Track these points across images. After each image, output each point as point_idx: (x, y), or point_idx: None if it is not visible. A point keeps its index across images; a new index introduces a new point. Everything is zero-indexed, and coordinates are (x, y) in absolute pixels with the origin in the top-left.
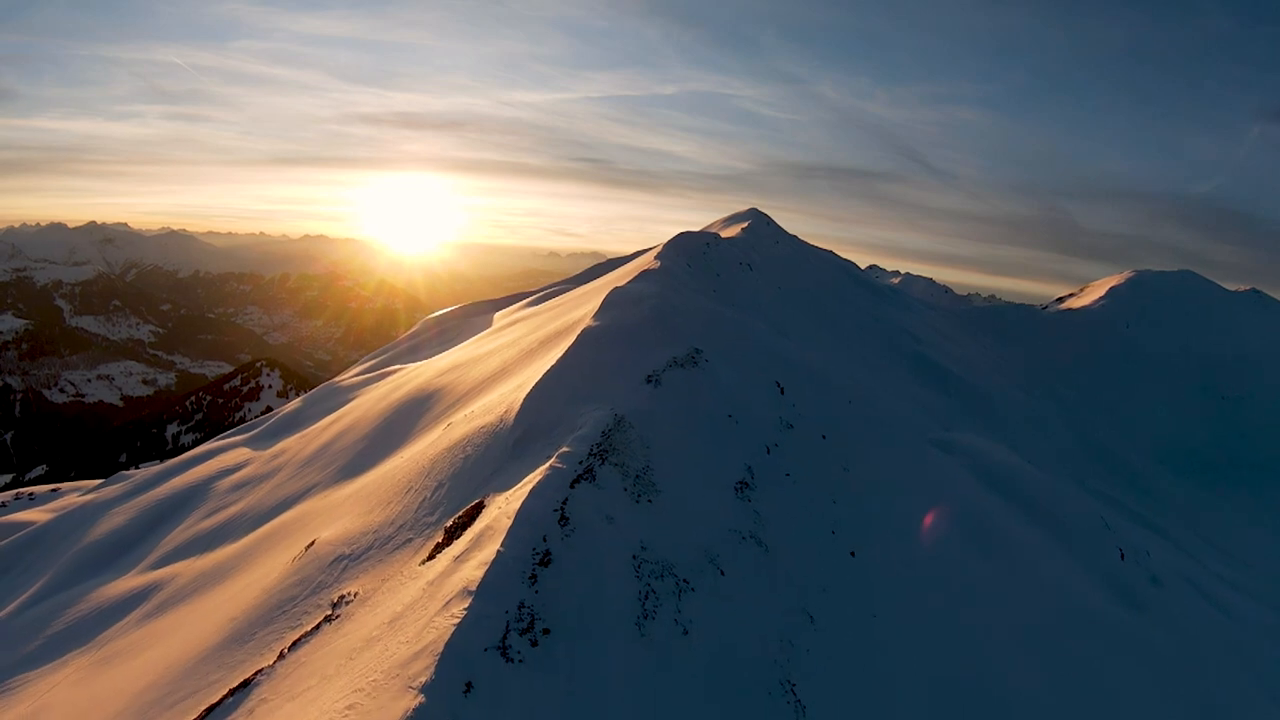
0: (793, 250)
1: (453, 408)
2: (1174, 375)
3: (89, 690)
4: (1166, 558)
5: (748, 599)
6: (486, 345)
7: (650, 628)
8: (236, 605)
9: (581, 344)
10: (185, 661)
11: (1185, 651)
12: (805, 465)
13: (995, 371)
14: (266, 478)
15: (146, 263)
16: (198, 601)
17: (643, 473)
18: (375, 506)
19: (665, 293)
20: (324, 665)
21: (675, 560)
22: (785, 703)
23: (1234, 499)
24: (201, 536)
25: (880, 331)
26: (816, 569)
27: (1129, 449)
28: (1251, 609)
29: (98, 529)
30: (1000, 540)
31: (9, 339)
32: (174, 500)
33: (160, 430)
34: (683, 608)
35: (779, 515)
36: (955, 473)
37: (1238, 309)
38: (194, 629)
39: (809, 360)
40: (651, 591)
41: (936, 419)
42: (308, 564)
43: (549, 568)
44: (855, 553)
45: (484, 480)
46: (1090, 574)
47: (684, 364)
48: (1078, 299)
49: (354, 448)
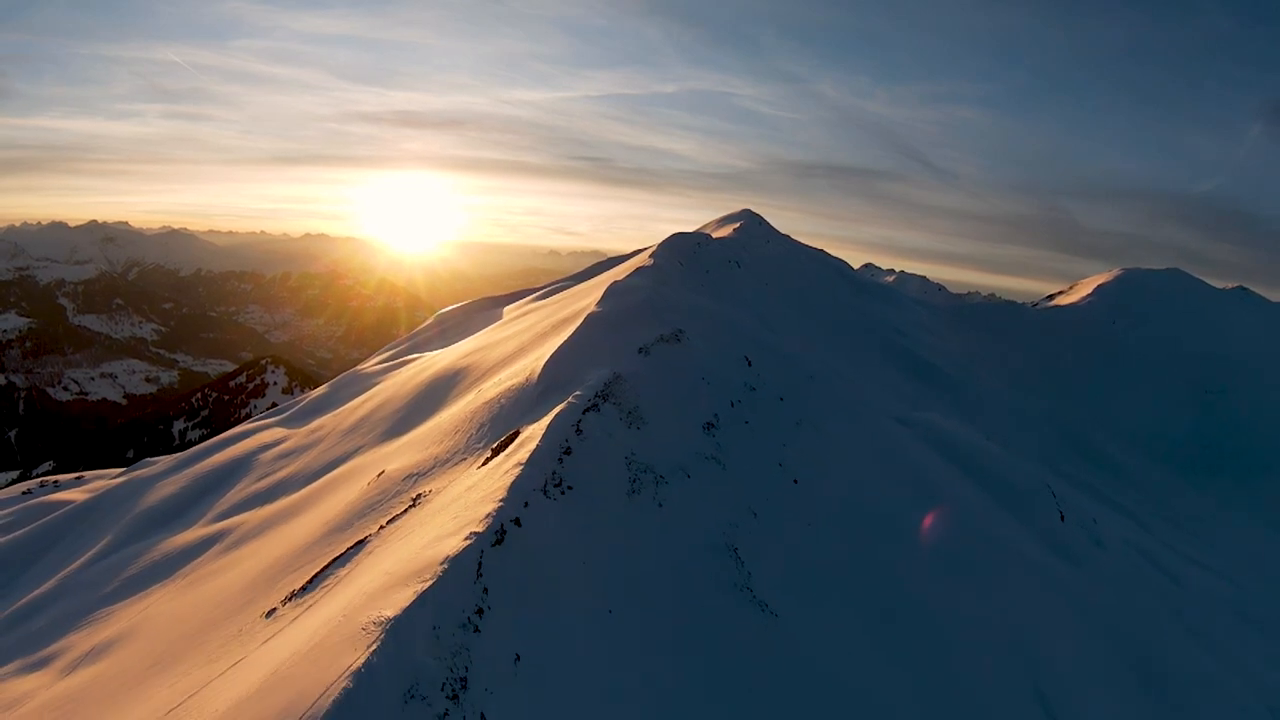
0: (783, 249)
1: (481, 379)
2: (1158, 370)
3: (188, 599)
4: (1123, 532)
5: (707, 495)
6: (503, 332)
7: (635, 498)
8: (325, 517)
9: (588, 325)
10: (291, 552)
11: (1115, 599)
12: (762, 417)
13: (978, 365)
14: (310, 446)
15: (148, 261)
16: (277, 531)
17: (634, 410)
18: (430, 444)
19: (656, 286)
20: (416, 525)
21: (654, 464)
22: (728, 558)
23: (1213, 488)
24: (258, 494)
25: (862, 324)
26: (764, 486)
27: (1109, 440)
28: (1204, 579)
29: (149, 498)
30: (935, 489)
31: (12, 337)
32: (220, 471)
33: (167, 426)
34: (658, 492)
35: (736, 448)
36: (906, 439)
37: (1225, 306)
38: (288, 540)
39: (780, 343)
40: (638, 478)
41: (907, 402)
42: (383, 484)
43: (570, 456)
44: (798, 481)
45: (517, 419)
46: (1027, 529)
47: (668, 340)
48: (1066, 296)
49: (394, 415)
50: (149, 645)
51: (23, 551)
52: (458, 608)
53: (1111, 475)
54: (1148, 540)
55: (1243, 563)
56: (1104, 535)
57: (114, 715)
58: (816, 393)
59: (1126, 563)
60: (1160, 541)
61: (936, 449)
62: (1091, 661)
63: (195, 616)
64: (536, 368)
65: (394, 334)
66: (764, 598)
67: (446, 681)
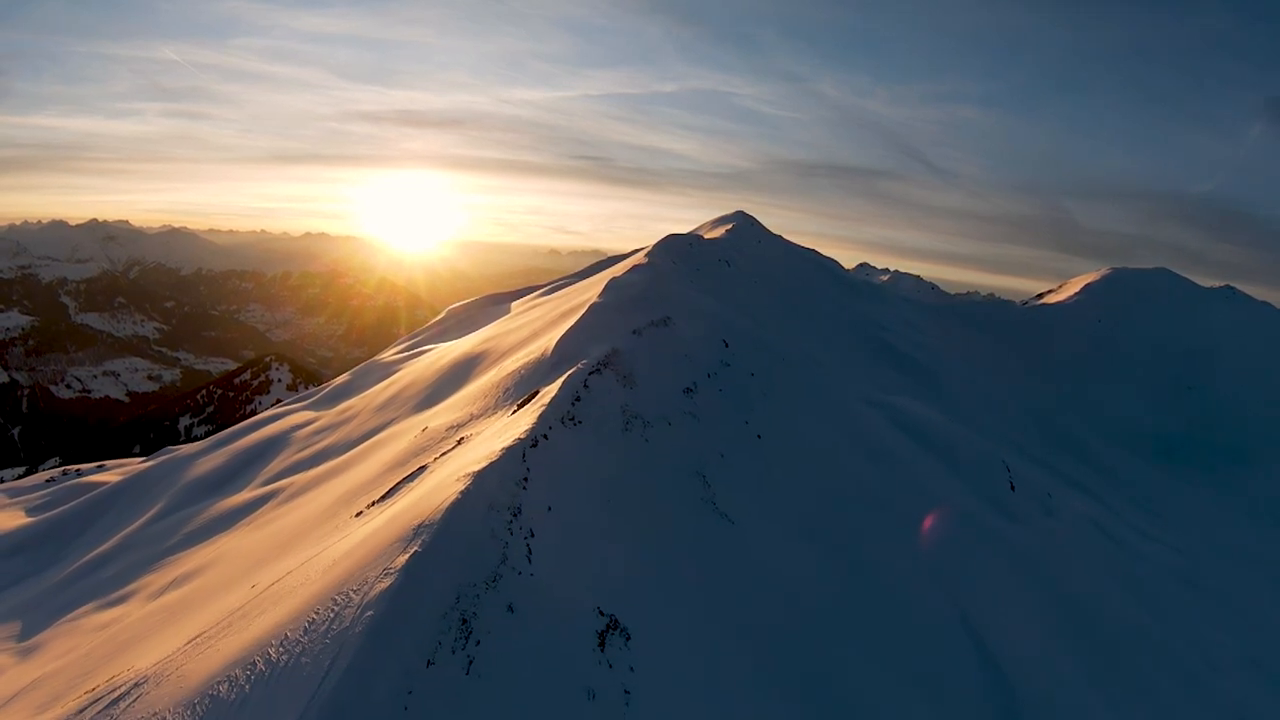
0: (773, 249)
1: (502, 358)
2: (1141, 365)
3: (262, 535)
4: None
5: (684, 439)
6: (515, 323)
7: (628, 434)
8: (381, 461)
9: (592, 312)
10: (359, 485)
11: (1056, 556)
12: (734, 387)
13: (960, 359)
14: (344, 423)
15: (149, 260)
16: (336, 479)
17: (628, 375)
18: (465, 406)
19: (650, 281)
20: (461, 455)
21: (643, 413)
22: (698, 481)
23: (1187, 477)
24: (302, 461)
25: (845, 319)
26: (731, 437)
27: (1088, 431)
28: (1158, 551)
29: (194, 470)
30: (887, 454)
31: (15, 335)
32: (259, 447)
33: (173, 423)
34: (645, 432)
35: (710, 407)
36: (867, 412)
37: (1210, 304)
38: (351, 480)
39: (759, 332)
40: (630, 421)
41: (879, 388)
42: (429, 436)
43: (579, 403)
44: (761, 436)
45: (536, 383)
46: (975, 494)
47: (658, 325)
48: (1055, 295)
49: (424, 391)
50: (235, 567)
51: (73, 522)
52: (512, 474)
53: (1085, 463)
54: (1107, 517)
55: (1205, 543)
56: (1058, 508)
57: (226, 597)
58: (786, 372)
59: (1076, 530)
60: (1120, 519)
61: (896, 424)
62: (1023, 603)
63: (277, 541)
64: (550, 345)
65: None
66: (724, 510)
67: (509, 507)
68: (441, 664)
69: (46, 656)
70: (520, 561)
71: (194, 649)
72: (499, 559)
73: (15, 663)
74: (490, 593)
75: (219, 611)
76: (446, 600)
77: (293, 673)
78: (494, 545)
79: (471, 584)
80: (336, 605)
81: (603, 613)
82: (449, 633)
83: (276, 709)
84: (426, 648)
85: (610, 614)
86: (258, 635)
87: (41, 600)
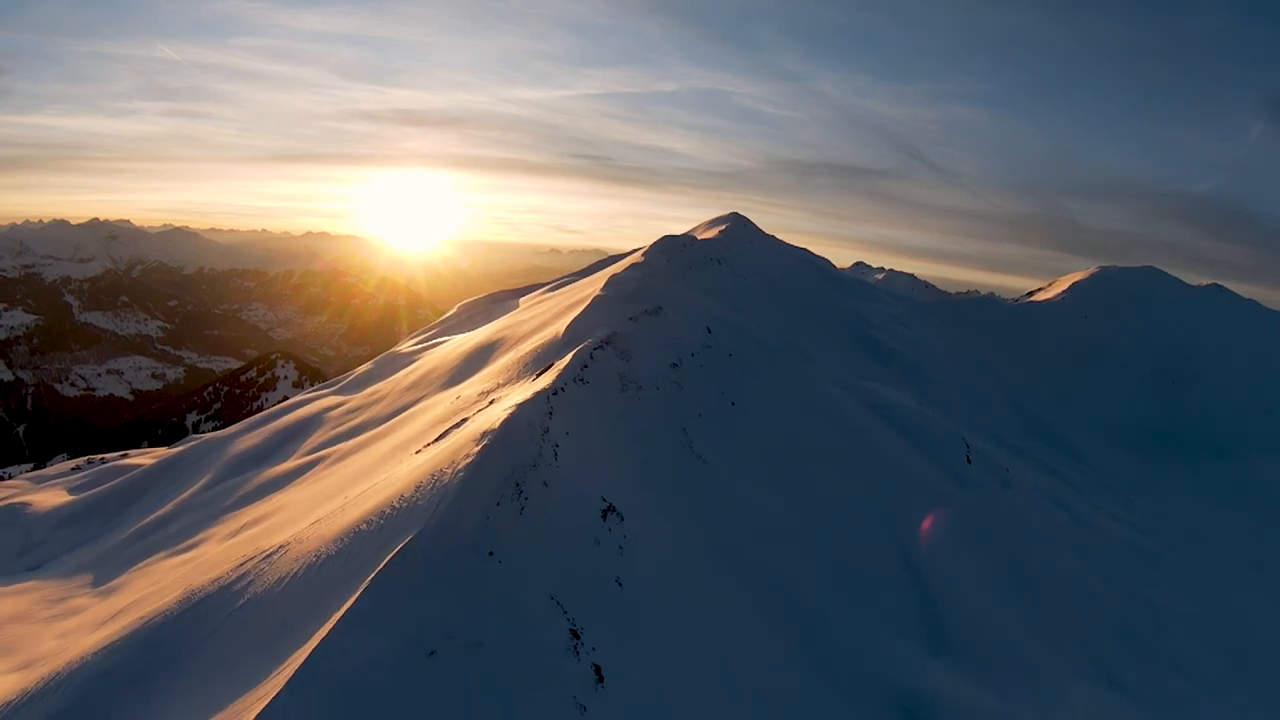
0: (764, 248)
1: (518, 343)
2: (1126, 361)
3: (320, 485)
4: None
5: (668, 400)
6: (525, 314)
7: (624, 394)
8: (422, 424)
9: (595, 303)
10: (407, 439)
11: (1006, 524)
12: (714, 365)
13: (945, 354)
14: (374, 404)
15: (151, 259)
16: (379, 443)
17: (625, 351)
18: (491, 379)
19: (645, 278)
20: (496, 407)
21: (636, 379)
22: (679, 431)
23: (1165, 469)
24: (340, 435)
25: (831, 313)
26: (708, 402)
27: (1069, 423)
28: (1117, 527)
29: (235, 448)
30: (852, 427)
31: (20, 334)
32: (295, 426)
33: (180, 419)
34: (638, 394)
35: (692, 380)
36: (838, 393)
37: (1197, 302)
38: (396, 439)
39: (742, 322)
40: (626, 385)
41: (858, 376)
42: (463, 402)
43: (586, 369)
44: (734, 403)
45: (551, 358)
46: (933, 465)
47: (650, 313)
48: (1044, 293)
49: (449, 373)
50: (308, 506)
51: (117, 498)
52: (541, 409)
53: (1061, 451)
54: (1069, 495)
55: (1175, 527)
56: (1017, 482)
57: (299, 524)
58: (764, 356)
59: (1032, 502)
60: (1085, 500)
61: (867, 405)
62: (965, 554)
63: (345, 480)
64: (560, 330)
65: (395, 331)
66: (700, 453)
67: (541, 427)
68: (505, 505)
69: (129, 593)
70: (550, 459)
71: (317, 527)
72: (536, 452)
73: (98, 601)
74: (532, 472)
75: (324, 509)
76: (506, 470)
77: (411, 512)
78: (533, 445)
79: (520, 465)
80: (434, 476)
81: (605, 500)
82: (509, 488)
83: (405, 530)
84: (495, 494)
85: (610, 502)
86: (375, 505)
87: (107, 557)
